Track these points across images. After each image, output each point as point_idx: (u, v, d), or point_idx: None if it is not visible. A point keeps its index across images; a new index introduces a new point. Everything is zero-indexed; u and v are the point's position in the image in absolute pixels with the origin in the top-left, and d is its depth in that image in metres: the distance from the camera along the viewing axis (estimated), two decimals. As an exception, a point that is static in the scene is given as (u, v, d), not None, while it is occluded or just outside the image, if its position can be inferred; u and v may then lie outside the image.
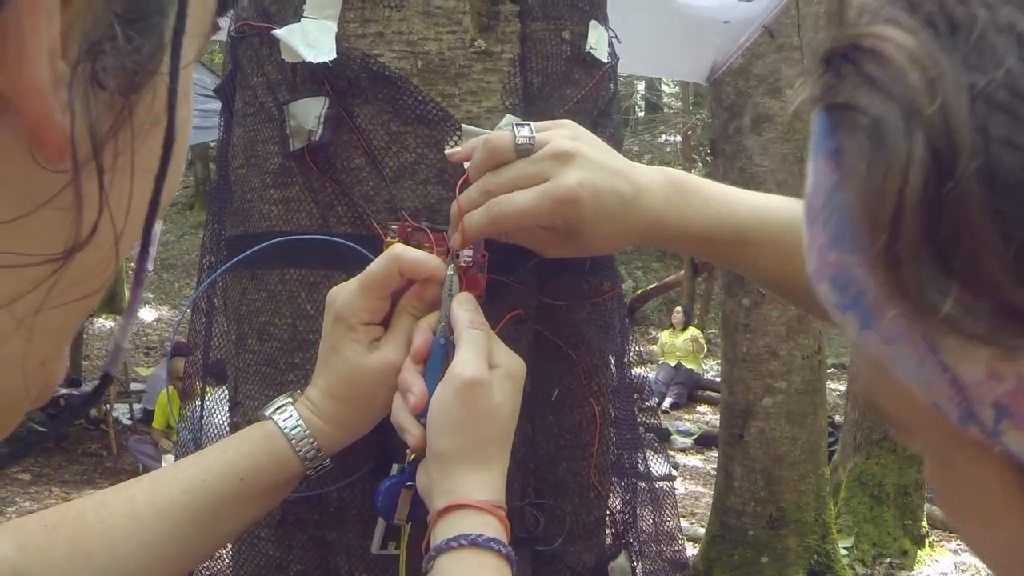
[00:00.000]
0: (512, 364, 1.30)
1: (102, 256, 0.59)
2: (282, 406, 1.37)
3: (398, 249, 1.33)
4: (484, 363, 1.26)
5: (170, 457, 11.23)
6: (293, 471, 1.35)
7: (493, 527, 1.19)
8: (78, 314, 0.63)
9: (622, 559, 1.69)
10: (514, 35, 1.52)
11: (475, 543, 1.16)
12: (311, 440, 1.34)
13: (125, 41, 0.53)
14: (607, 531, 1.71)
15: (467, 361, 1.25)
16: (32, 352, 0.60)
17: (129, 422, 14.22)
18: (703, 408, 18.69)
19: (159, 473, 1.30)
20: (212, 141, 16.25)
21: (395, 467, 1.37)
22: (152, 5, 0.55)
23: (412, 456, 1.34)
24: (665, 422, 16.90)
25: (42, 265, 0.55)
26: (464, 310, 1.31)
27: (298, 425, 1.34)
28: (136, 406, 14.26)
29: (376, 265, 1.32)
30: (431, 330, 1.33)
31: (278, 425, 1.34)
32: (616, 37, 1.74)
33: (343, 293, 1.34)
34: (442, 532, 1.19)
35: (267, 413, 1.37)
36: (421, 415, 1.28)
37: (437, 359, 1.30)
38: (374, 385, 1.34)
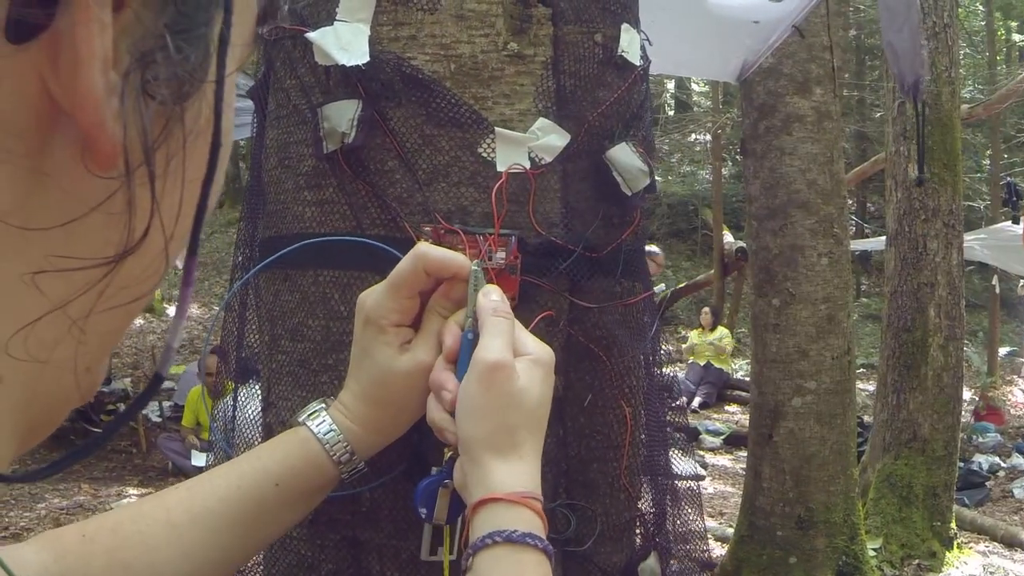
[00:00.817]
0: (539, 351, 1.29)
1: (151, 260, 0.62)
2: (315, 411, 1.37)
3: (422, 248, 1.32)
4: (507, 347, 1.25)
5: (199, 455, 11.28)
6: (328, 476, 1.35)
7: (528, 520, 1.17)
8: (126, 318, 0.65)
9: (652, 560, 1.69)
10: (547, 38, 1.52)
11: (510, 539, 1.14)
12: (345, 444, 1.34)
13: (174, 51, 0.55)
14: (637, 532, 1.71)
15: (489, 345, 1.24)
16: (83, 354, 0.62)
17: (159, 420, 14.26)
18: (732, 408, 18.61)
19: (194, 481, 1.30)
20: (242, 140, 16.31)
21: (433, 468, 1.36)
22: (200, 16, 0.56)
23: (449, 454, 1.33)
24: (694, 422, 16.84)
25: (94, 269, 0.57)
26: (488, 300, 1.30)
27: (332, 430, 1.34)
28: (166, 403, 14.30)
29: (402, 265, 1.32)
30: (460, 327, 1.33)
31: (312, 430, 1.35)
32: (648, 39, 1.74)
33: (372, 296, 1.34)
34: (478, 528, 1.17)
35: (301, 419, 1.37)
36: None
37: (466, 355, 1.29)
38: (406, 387, 1.33)
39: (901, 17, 4.56)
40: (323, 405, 1.38)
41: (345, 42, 1.47)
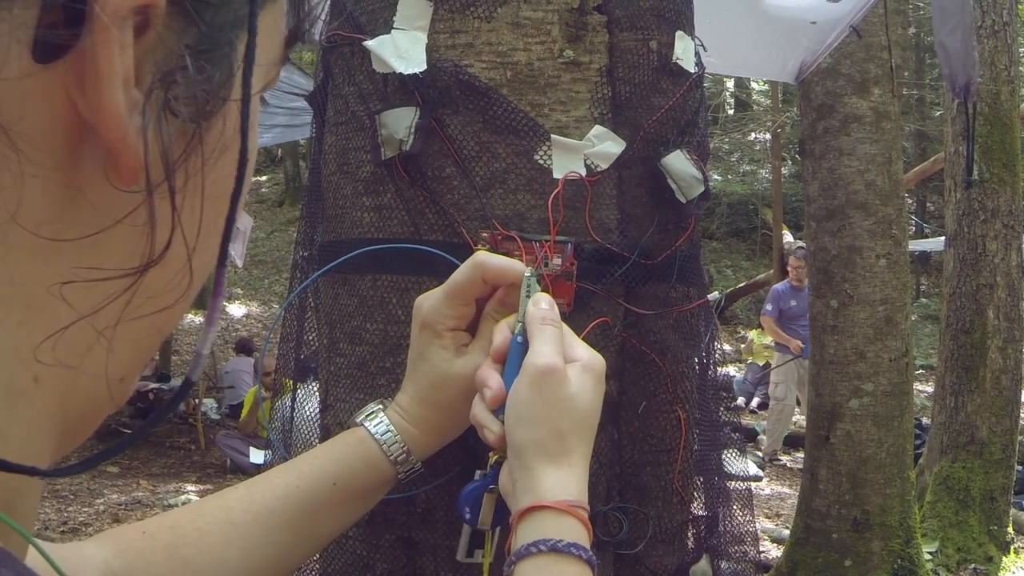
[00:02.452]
0: (590, 358, 1.28)
1: (176, 271, 0.65)
2: (373, 412, 1.39)
3: (481, 256, 1.33)
4: (558, 353, 1.24)
5: (257, 453, 11.34)
6: (385, 476, 1.36)
7: (574, 530, 1.16)
8: (155, 329, 0.68)
9: (703, 563, 1.70)
10: (602, 45, 1.53)
11: (555, 548, 1.13)
12: (402, 445, 1.36)
13: (196, 71, 0.59)
14: (689, 535, 1.71)
15: (540, 351, 1.24)
16: (113, 362, 0.65)
17: (217, 417, 14.38)
18: (791, 408, 18.51)
19: (253, 481, 1.32)
20: (302, 139, 16.42)
21: (478, 472, 1.37)
22: (223, 37, 0.60)
23: (494, 458, 1.33)
24: (752, 422, 16.76)
25: (119, 279, 0.61)
26: (538, 308, 1.30)
27: (389, 431, 1.36)
28: (223, 401, 14.43)
29: (460, 273, 1.33)
30: (509, 329, 1.33)
31: (369, 431, 1.36)
32: (702, 45, 1.74)
33: (429, 300, 1.36)
34: (523, 535, 1.17)
35: (358, 419, 1.39)
36: (499, 411, 1.28)
37: (515, 357, 1.29)
38: (461, 390, 1.35)
39: (954, 18, 4.52)
40: (380, 406, 1.40)
41: (403, 50, 1.49)
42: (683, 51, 1.63)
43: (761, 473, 13.33)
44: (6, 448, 0.59)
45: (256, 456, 11.25)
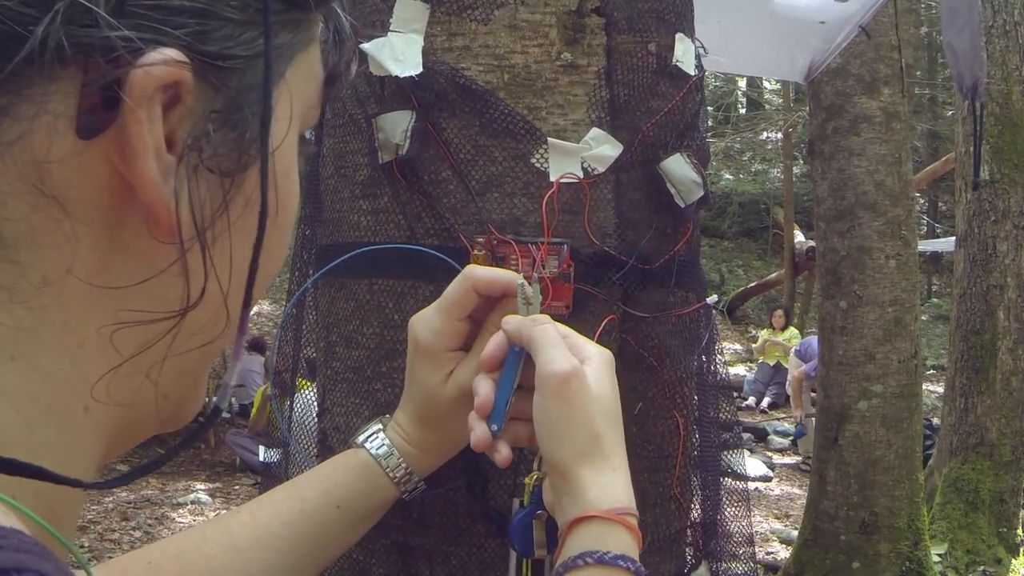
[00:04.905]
0: (600, 353, 1.25)
1: (214, 311, 0.73)
2: (373, 433, 1.39)
3: (470, 268, 1.32)
4: (569, 355, 1.22)
5: (265, 451, 11.32)
6: (387, 496, 1.37)
7: (622, 539, 1.13)
8: (201, 359, 0.77)
9: (703, 570, 1.69)
10: (600, 48, 1.52)
11: (602, 561, 1.10)
12: (405, 467, 1.37)
13: (226, 131, 0.67)
14: (688, 542, 1.71)
15: (551, 358, 1.20)
16: (163, 396, 0.74)
17: (227, 415, 14.38)
18: (802, 408, 18.50)
19: (256, 505, 1.32)
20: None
21: (516, 501, 1.35)
22: (249, 97, 0.68)
23: (531, 482, 1.30)
24: (763, 422, 16.77)
25: (163, 321, 0.69)
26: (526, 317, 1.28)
27: (391, 453, 1.37)
28: (233, 400, 14.42)
29: (452, 287, 1.32)
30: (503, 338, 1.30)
31: (371, 453, 1.37)
32: (703, 47, 1.73)
33: (422, 322, 1.35)
34: (571, 547, 1.14)
35: (359, 440, 1.39)
36: (492, 419, 1.26)
37: (511, 367, 1.27)
38: (453, 411, 1.34)
39: (963, 18, 4.49)
40: (380, 426, 1.40)
41: (399, 53, 1.49)
42: (683, 53, 1.62)
43: (771, 473, 13.34)
44: (55, 466, 0.64)
45: (265, 454, 11.24)
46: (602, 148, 1.50)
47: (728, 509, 1.83)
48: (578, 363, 1.21)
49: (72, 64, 0.60)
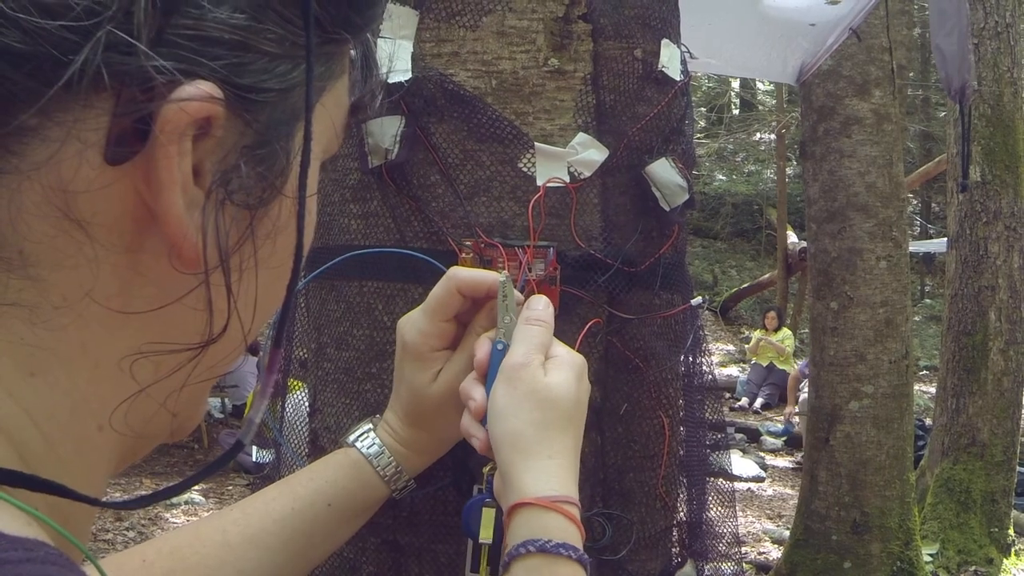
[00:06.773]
0: (567, 354, 1.28)
1: (234, 344, 0.74)
2: (364, 432, 1.41)
3: (454, 269, 1.34)
4: (534, 351, 1.24)
5: (258, 451, 11.31)
6: (378, 494, 1.39)
7: (561, 527, 1.14)
8: (211, 382, 0.78)
9: (688, 568, 1.71)
10: (587, 54, 1.54)
11: (543, 549, 1.11)
12: (395, 465, 1.38)
13: (253, 165, 0.67)
14: (674, 541, 1.72)
15: (515, 350, 1.25)
16: (175, 419, 0.76)
17: (221, 415, 14.35)
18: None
19: (249, 503, 1.34)
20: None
21: (475, 488, 1.38)
22: (279, 132, 0.68)
23: (488, 470, 1.34)
24: (756, 422, 16.76)
25: (184, 352, 0.70)
26: (531, 309, 1.31)
27: (381, 452, 1.38)
28: (227, 400, 14.39)
29: (436, 289, 1.33)
30: (489, 340, 1.32)
31: (362, 452, 1.38)
32: (689, 53, 1.75)
33: (409, 323, 1.37)
34: (514, 534, 1.15)
35: (350, 440, 1.41)
36: (484, 420, 1.27)
37: (495, 365, 1.28)
38: (443, 410, 1.36)
39: (951, 21, 4.52)
40: (370, 425, 1.42)
41: (388, 59, 1.50)
42: (668, 59, 1.63)
43: (763, 474, 13.34)
44: (71, 480, 0.66)
45: (257, 454, 11.24)
46: (588, 153, 1.52)
47: (715, 509, 1.84)
48: (538, 357, 1.24)
49: (106, 91, 0.59)
